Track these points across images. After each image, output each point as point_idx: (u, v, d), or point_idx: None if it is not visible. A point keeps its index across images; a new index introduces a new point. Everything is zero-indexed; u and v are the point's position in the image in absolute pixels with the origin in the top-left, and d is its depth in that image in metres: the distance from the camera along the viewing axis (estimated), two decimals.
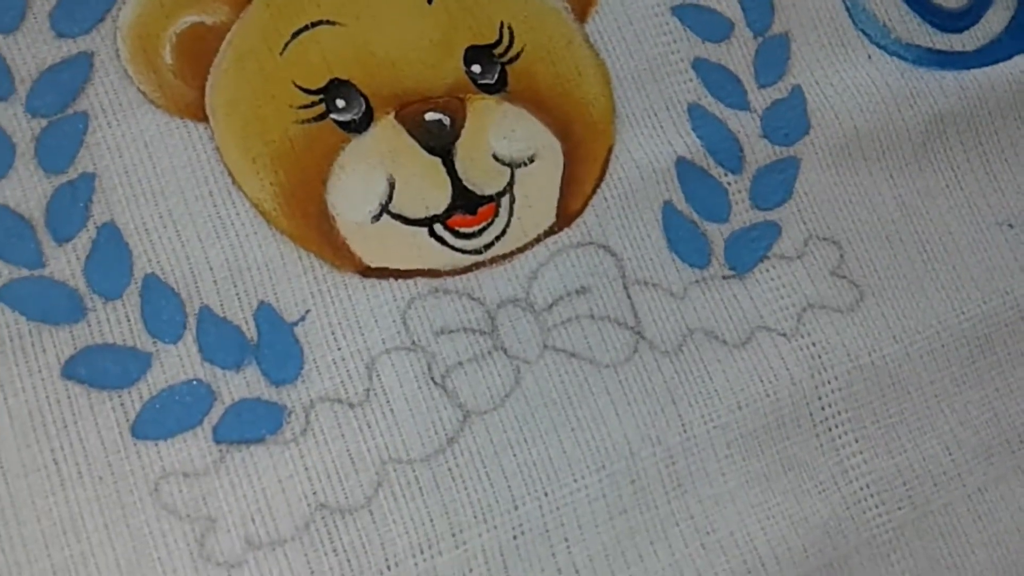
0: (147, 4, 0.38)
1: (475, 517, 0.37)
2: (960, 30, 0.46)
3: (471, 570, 0.37)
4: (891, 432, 0.41)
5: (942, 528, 0.41)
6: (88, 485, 0.35)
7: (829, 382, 0.41)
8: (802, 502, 0.40)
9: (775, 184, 0.43)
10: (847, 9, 0.45)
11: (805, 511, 0.40)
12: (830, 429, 0.41)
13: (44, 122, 0.37)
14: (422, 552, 0.36)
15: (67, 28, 0.38)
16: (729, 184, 0.42)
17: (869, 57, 0.45)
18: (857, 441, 0.41)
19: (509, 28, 0.41)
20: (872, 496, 0.41)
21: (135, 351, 0.36)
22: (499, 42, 0.41)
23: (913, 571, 0.40)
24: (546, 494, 0.38)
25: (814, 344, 0.41)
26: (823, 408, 0.41)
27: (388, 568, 0.36)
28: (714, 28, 0.44)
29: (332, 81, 0.39)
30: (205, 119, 0.38)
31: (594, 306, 0.39)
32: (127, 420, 0.35)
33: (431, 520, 0.37)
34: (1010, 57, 0.46)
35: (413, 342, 0.38)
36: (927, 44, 0.46)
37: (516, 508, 0.37)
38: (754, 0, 0.45)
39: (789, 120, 0.43)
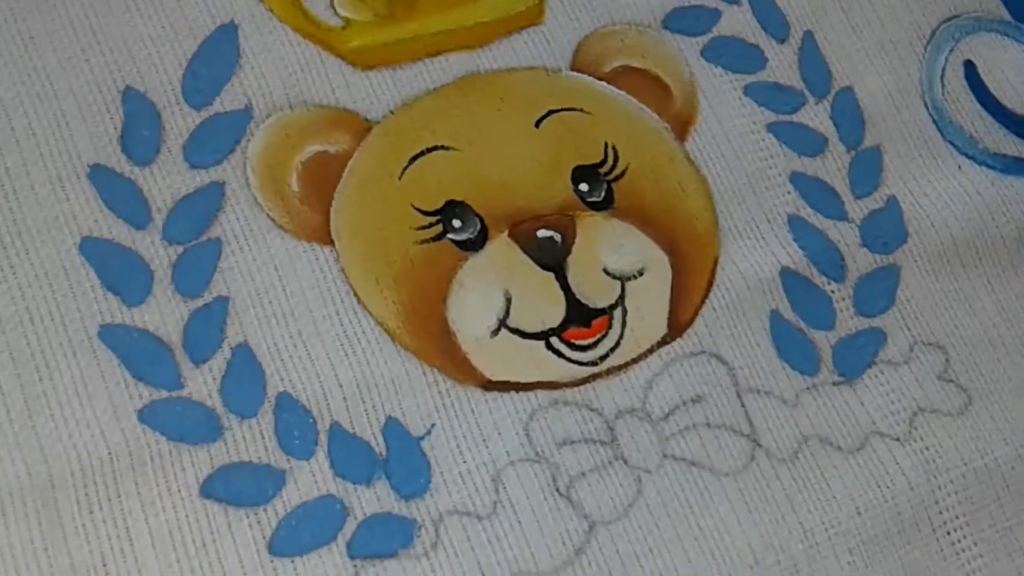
0: (275, 135, 0.41)
1: None
2: None
3: None
4: (1008, 535, 0.42)
5: None
6: None
7: (945, 486, 0.42)
8: None
9: (878, 291, 0.44)
10: (935, 122, 0.48)
11: None
12: (948, 533, 0.42)
13: (180, 249, 0.39)
14: None
15: (200, 160, 0.40)
16: (833, 292, 0.44)
17: (959, 167, 0.47)
18: (976, 544, 0.42)
19: (614, 148, 0.44)
20: None
21: (270, 468, 0.37)
22: (604, 161, 0.43)
23: None
24: None
25: (927, 448, 0.42)
26: (940, 512, 0.42)
27: None
28: (808, 144, 0.46)
29: (448, 203, 0.41)
30: (331, 242, 0.40)
31: (710, 414, 0.41)
32: (264, 538, 0.36)
33: None
34: None
35: (537, 453, 0.39)
36: (1015, 153, 0.48)
37: None
38: (845, 116, 0.47)
39: (887, 229, 0.45)
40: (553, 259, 0.41)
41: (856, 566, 0.40)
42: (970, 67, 0.49)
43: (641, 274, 0.42)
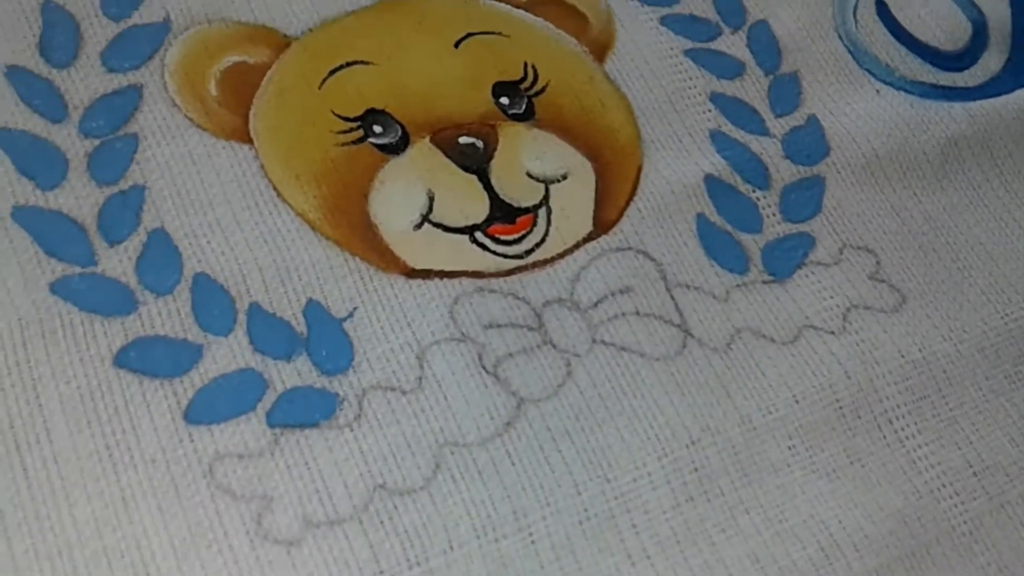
0: (193, 46, 0.44)
1: (537, 501, 0.39)
2: (960, 69, 0.53)
3: (538, 554, 0.38)
4: (954, 425, 0.44)
5: (1022, 519, 0.43)
6: (140, 469, 0.37)
7: (884, 376, 0.44)
8: (874, 492, 0.42)
9: (804, 199, 0.47)
10: (850, 52, 0.52)
11: (878, 500, 0.42)
12: (891, 421, 0.43)
13: (96, 142, 0.42)
14: (486, 534, 0.38)
15: (117, 64, 0.43)
16: (758, 199, 0.47)
17: (877, 92, 0.51)
18: (920, 433, 0.43)
19: (533, 67, 0.47)
20: (945, 487, 0.43)
21: (186, 343, 0.39)
22: (524, 78, 0.47)
23: (998, 563, 0.42)
24: (608, 480, 0.40)
25: (863, 341, 0.45)
26: (881, 401, 0.44)
27: (451, 549, 0.38)
28: (726, 68, 0.50)
29: (369, 111, 0.44)
30: (250, 142, 0.43)
31: (639, 304, 0.43)
32: (179, 407, 0.38)
33: (492, 503, 0.39)
34: (1011, 91, 0.53)
35: (462, 334, 0.41)
36: (931, 81, 0.52)
37: (579, 493, 0.39)
38: (761, 45, 0.51)
39: (809, 144, 0.49)
40: (475, 163, 0.44)
41: (797, 451, 0.42)
42: (881, 5, 0.53)
43: (564, 178, 0.45)
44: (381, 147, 0.43)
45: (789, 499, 0.41)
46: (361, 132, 0.43)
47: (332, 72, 0.45)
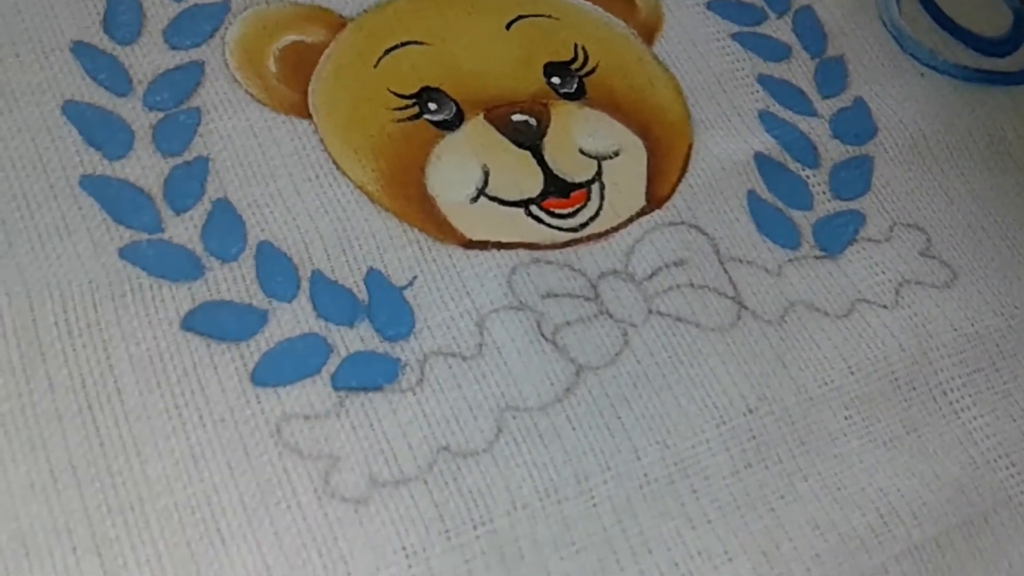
0: (252, 24, 0.46)
1: (599, 465, 0.40)
2: (1002, 55, 0.54)
3: (600, 516, 0.39)
4: (1008, 398, 0.45)
5: None
6: (209, 428, 0.38)
7: (938, 348, 0.45)
8: (930, 461, 0.42)
9: (853, 177, 0.48)
10: (894, 38, 0.53)
11: (935, 470, 0.42)
12: (945, 393, 0.44)
13: (160, 114, 0.43)
14: (548, 496, 0.39)
15: (179, 42, 0.44)
16: (808, 177, 0.48)
17: (921, 75, 0.52)
18: (976, 405, 0.44)
19: (583, 48, 0.48)
20: (1002, 457, 0.43)
21: (252, 308, 0.40)
22: (575, 59, 0.48)
23: None
24: (667, 446, 0.40)
25: (916, 315, 0.45)
26: (936, 373, 0.44)
27: (515, 509, 0.38)
28: (773, 51, 0.51)
29: (423, 88, 0.45)
30: (308, 116, 0.44)
31: (693, 277, 0.44)
32: (246, 369, 0.39)
33: (554, 466, 0.39)
34: None
35: (520, 302, 0.42)
36: (974, 65, 0.53)
37: (639, 458, 0.40)
38: (806, 29, 0.52)
39: (856, 124, 0.50)
40: (529, 139, 0.45)
41: (853, 420, 0.42)
42: None
43: (617, 155, 0.46)
44: (436, 123, 0.44)
45: (847, 467, 0.41)
46: (416, 109, 0.44)
47: (387, 51, 0.46)
